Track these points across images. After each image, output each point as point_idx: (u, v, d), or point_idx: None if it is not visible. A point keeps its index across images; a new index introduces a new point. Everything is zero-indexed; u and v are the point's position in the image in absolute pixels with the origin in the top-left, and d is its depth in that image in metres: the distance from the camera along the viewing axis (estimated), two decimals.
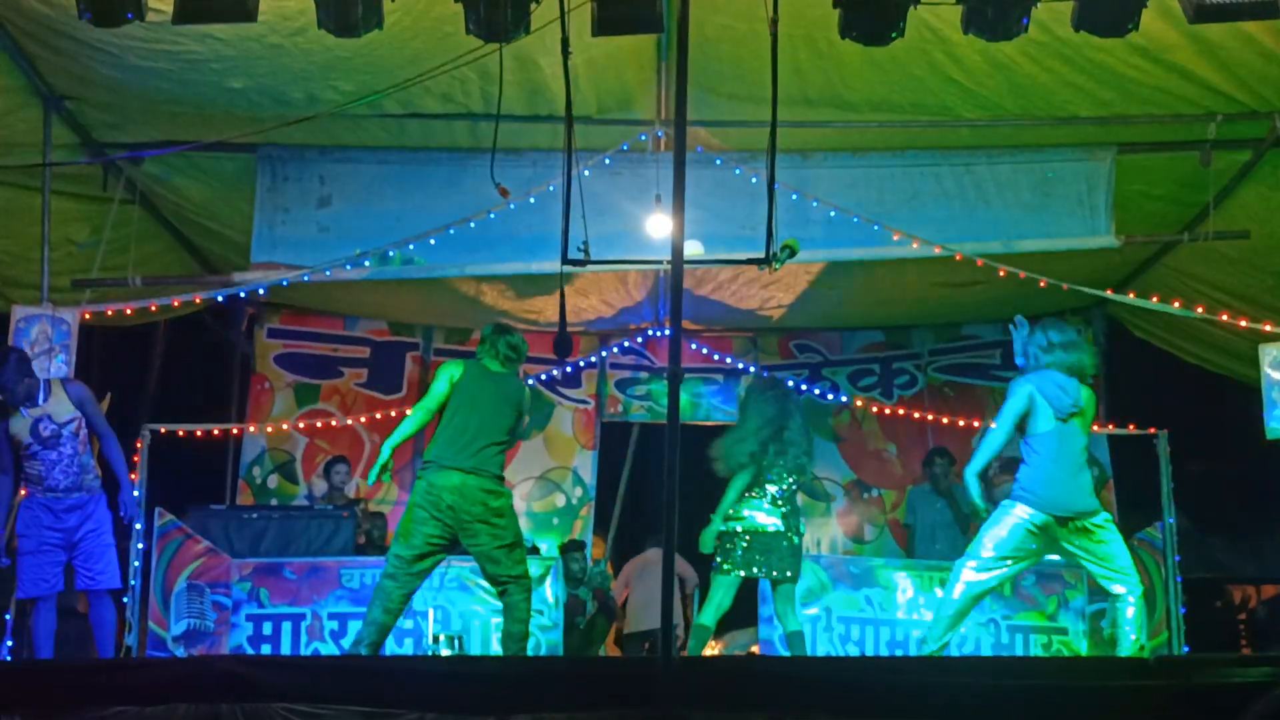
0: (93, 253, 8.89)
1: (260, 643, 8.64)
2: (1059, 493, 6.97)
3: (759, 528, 7.99)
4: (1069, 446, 7.01)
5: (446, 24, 6.88)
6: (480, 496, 7.09)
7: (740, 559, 7.99)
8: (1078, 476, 7.02)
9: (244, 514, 9.49)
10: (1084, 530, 6.99)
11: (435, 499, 7.06)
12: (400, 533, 7.17)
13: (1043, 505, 6.96)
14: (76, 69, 7.67)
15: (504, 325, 7.71)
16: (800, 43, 7.53)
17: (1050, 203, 9.01)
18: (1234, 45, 7.41)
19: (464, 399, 7.26)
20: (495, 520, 7.14)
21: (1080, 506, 6.98)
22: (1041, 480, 7.00)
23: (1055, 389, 7.04)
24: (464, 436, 7.17)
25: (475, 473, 7.10)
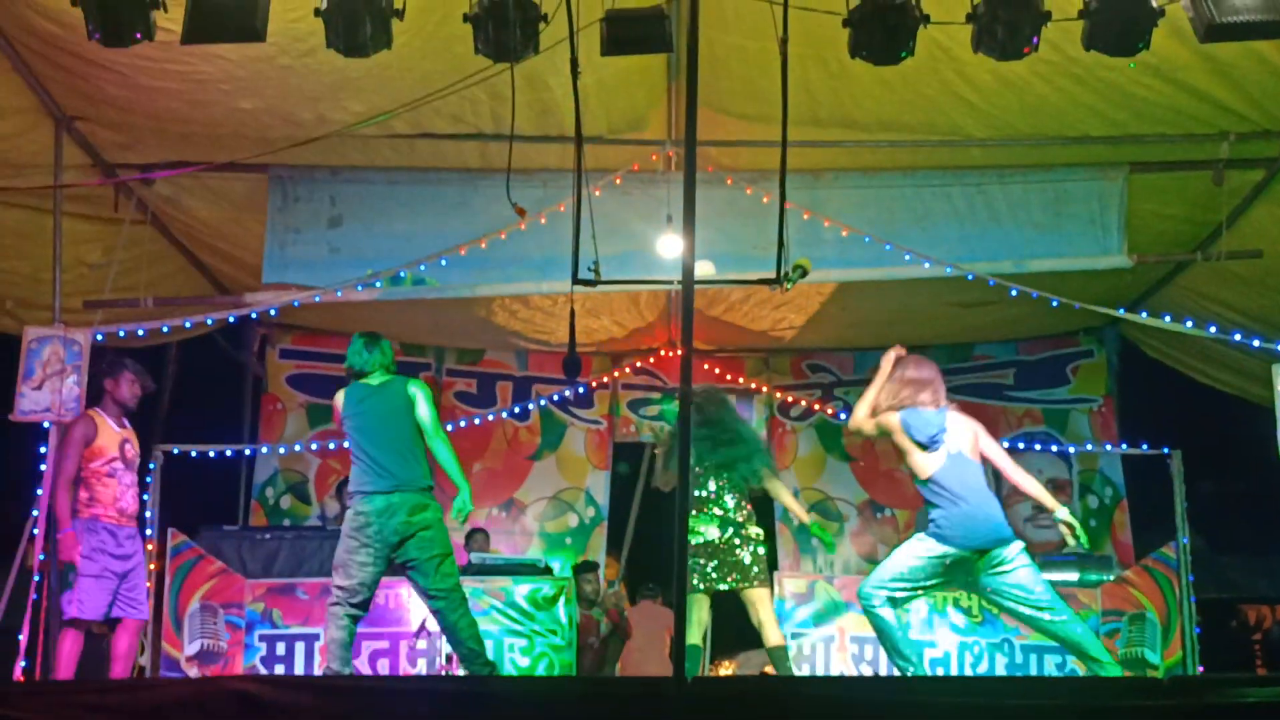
0: (104, 273, 8.91)
1: (273, 663, 8.63)
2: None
3: (704, 540, 7.99)
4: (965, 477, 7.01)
5: (456, 44, 6.89)
6: (403, 514, 7.06)
7: (700, 575, 7.98)
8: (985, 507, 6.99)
9: (257, 534, 9.50)
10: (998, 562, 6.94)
11: (360, 526, 7.06)
12: (337, 563, 7.15)
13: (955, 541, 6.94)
14: (87, 89, 7.70)
15: (370, 334, 7.56)
16: (811, 62, 7.53)
17: (1062, 222, 9.00)
18: (1246, 64, 7.40)
19: (356, 424, 7.23)
20: (421, 533, 7.10)
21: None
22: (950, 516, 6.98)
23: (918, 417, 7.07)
24: (373, 460, 7.13)
25: (398, 490, 7.08)
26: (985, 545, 6.91)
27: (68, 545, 7.49)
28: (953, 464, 7.01)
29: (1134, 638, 8.88)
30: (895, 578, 7.04)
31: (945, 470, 7.01)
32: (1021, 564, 6.93)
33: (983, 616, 8.82)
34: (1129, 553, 11.48)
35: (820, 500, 12.21)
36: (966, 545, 6.92)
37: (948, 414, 7.16)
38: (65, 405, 8.08)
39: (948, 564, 6.97)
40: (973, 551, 6.92)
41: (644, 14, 6.51)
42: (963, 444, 7.07)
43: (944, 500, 6.98)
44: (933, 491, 7.04)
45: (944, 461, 7.03)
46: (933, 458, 7.05)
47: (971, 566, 6.97)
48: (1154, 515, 10.33)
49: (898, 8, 6.28)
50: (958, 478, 6.98)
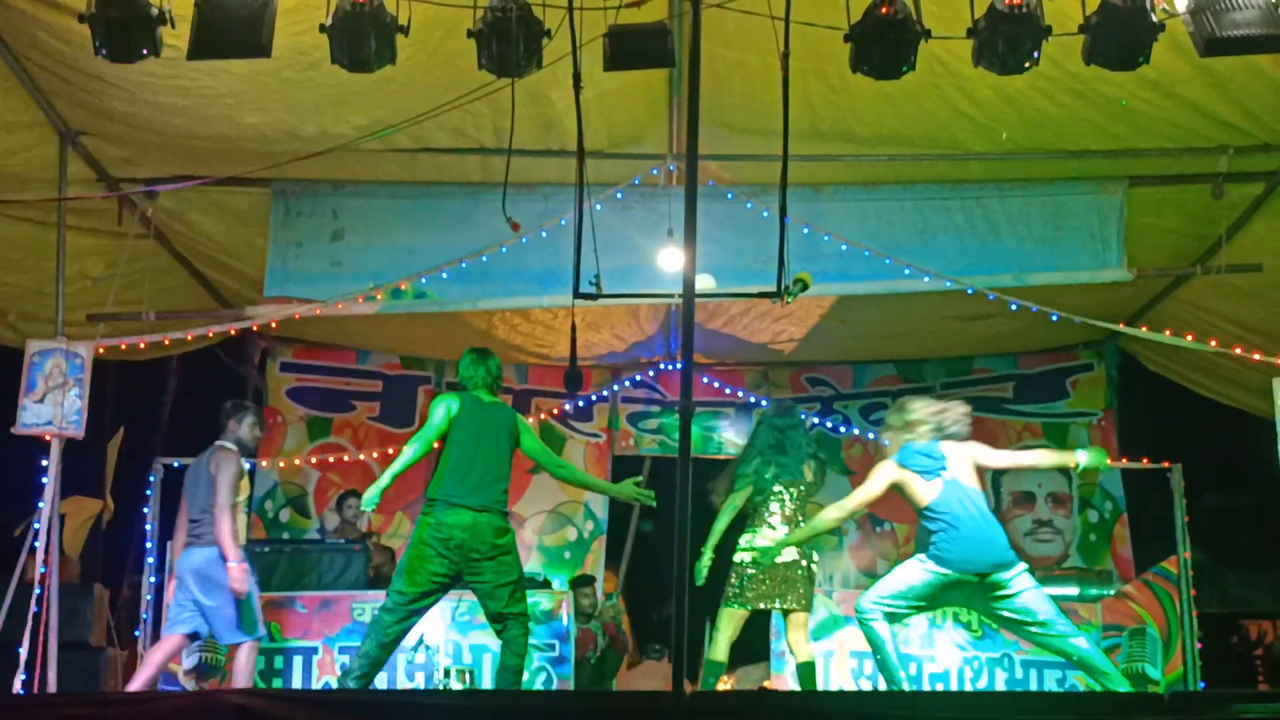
0: (107, 287, 8.92)
1: (271, 677, 8.62)
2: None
3: (776, 560, 7.92)
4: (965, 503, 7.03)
5: (459, 59, 6.91)
6: (489, 535, 7.05)
7: (750, 592, 7.93)
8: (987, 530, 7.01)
9: (256, 547, 9.47)
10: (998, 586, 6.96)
11: (445, 537, 7.01)
12: (404, 569, 7.10)
13: (955, 565, 6.97)
14: (92, 104, 7.72)
15: (482, 350, 7.61)
16: (812, 77, 7.56)
17: (1062, 236, 9.01)
18: (1245, 79, 7.42)
19: (464, 433, 7.21)
20: (502, 557, 7.09)
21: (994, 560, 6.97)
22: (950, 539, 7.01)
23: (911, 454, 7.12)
24: (470, 472, 7.12)
25: (485, 510, 7.06)
26: (985, 569, 6.93)
27: (239, 577, 7.62)
28: (950, 490, 7.04)
29: (1135, 653, 8.88)
30: (894, 595, 7.05)
31: (942, 496, 7.04)
32: (1024, 586, 6.94)
33: (983, 631, 8.82)
34: (1129, 567, 11.48)
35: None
36: (966, 569, 6.94)
37: (940, 444, 7.17)
38: (66, 419, 8.09)
39: (947, 586, 6.98)
40: (974, 574, 6.94)
41: (646, 29, 6.53)
42: (959, 470, 7.09)
43: (942, 525, 7.00)
44: (930, 518, 7.06)
45: (941, 488, 7.05)
46: (930, 486, 7.07)
47: (972, 590, 6.99)
48: (1154, 529, 10.33)
49: (898, 23, 6.30)
50: (956, 502, 7.00)
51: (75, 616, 8.90)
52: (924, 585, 7.00)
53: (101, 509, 10.77)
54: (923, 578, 7.01)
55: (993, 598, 6.97)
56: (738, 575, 7.96)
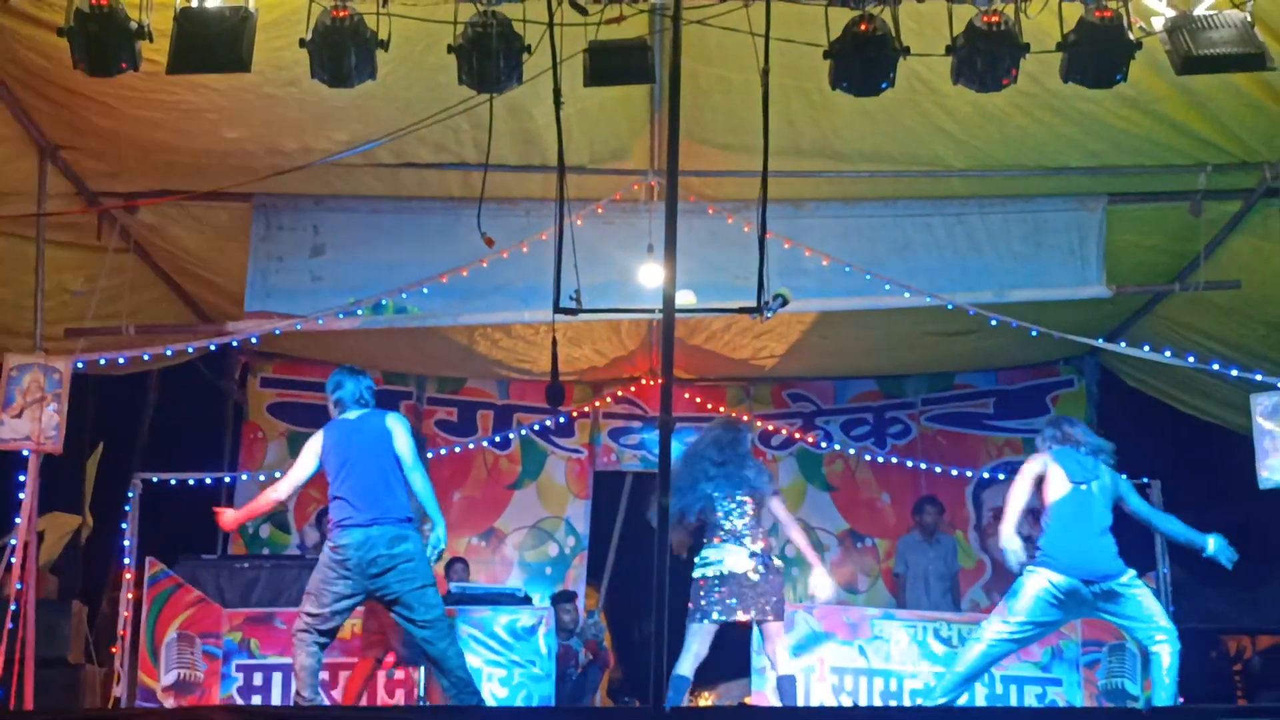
0: (86, 301, 8.89)
1: (251, 693, 8.59)
2: (1079, 556, 7.04)
3: (729, 571, 7.90)
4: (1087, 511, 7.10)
5: (440, 74, 6.91)
6: (383, 546, 6.99)
7: (713, 607, 7.88)
8: (1099, 540, 7.08)
9: (235, 563, 9.46)
10: (1110, 594, 7.04)
11: (341, 559, 6.99)
12: (310, 590, 7.08)
13: (1064, 569, 7.03)
14: (72, 119, 7.70)
15: (348, 368, 7.56)
16: (792, 93, 7.58)
17: (1042, 252, 9.04)
18: (1222, 97, 7.46)
19: (334, 458, 7.19)
20: (403, 565, 7.02)
21: (1103, 570, 7.04)
22: (1061, 545, 7.07)
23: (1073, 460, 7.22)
24: (352, 492, 7.08)
25: (376, 523, 7.00)
26: (1094, 576, 7.03)
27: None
28: (1076, 496, 7.13)
29: (1114, 668, 8.90)
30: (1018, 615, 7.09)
31: (1066, 500, 7.13)
32: (1136, 588, 7.08)
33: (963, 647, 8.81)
34: None
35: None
36: (1074, 573, 7.02)
37: (1101, 465, 7.29)
38: (45, 433, 8.05)
39: (1066, 596, 7.05)
40: (1082, 581, 7.03)
41: (626, 45, 6.54)
42: (1102, 492, 7.19)
43: (1054, 528, 7.12)
44: (1047, 518, 7.18)
45: (1068, 491, 7.13)
46: (1064, 486, 7.14)
47: (1083, 598, 7.07)
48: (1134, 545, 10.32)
49: (878, 40, 6.33)
50: (1079, 508, 7.10)
51: (53, 633, 8.86)
52: (1039, 596, 7.05)
53: (80, 525, 10.70)
54: (1038, 586, 7.06)
55: (1105, 604, 7.08)
56: (704, 590, 7.93)
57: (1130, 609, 7.07)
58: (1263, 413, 8.14)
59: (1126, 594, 7.05)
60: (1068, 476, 7.19)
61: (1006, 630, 7.12)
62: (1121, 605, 7.08)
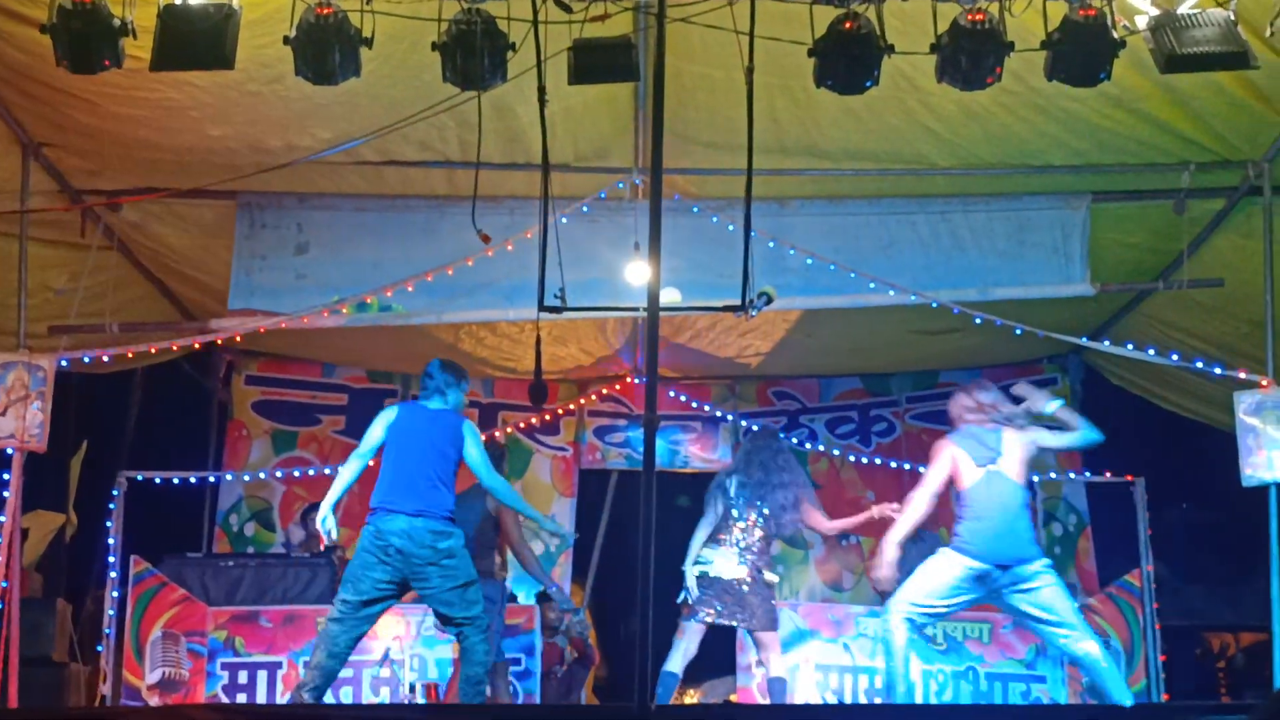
0: (70, 299, 8.86)
1: (235, 691, 8.58)
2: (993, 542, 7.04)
3: (718, 574, 7.97)
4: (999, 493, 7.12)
5: (424, 72, 6.91)
6: (428, 539, 6.98)
7: (699, 603, 7.95)
8: (1013, 523, 7.09)
9: (220, 562, 9.46)
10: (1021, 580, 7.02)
11: (383, 544, 6.97)
12: (348, 577, 7.06)
13: (977, 555, 7.03)
14: (55, 116, 7.67)
15: (445, 361, 7.60)
16: (777, 92, 7.58)
17: (1026, 250, 9.05)
18: (1205, 95, 7.48)
19: (401, 441, 7.20)
20: (445, 561, 7.02)
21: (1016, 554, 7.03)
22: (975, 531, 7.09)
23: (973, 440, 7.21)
24: (405, 478, 7.08)
25: (421, 515, 7.00)
26: (1008, 561, 7.01)
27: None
28: (989, 479, 7.13)
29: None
30: (926, 594, 7.10)
31: (978, 485, 7.13)
32: (1045, 582, 7.04)
33: (947, 644, 8.85)
34: (1093, 580, 11.52)
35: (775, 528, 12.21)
36: (989, 560, 7.01)
37: (1004, 431, 7.24)
38: (29, 431, 8.03)
39: (973, 580, 7.03)
40: (996, 566, 7.01)
41: (610, 43, 6.54)
42: (1008, 464, 7.18)
43: (970, 515, 7.12)
44: (961, 505, 7.19)
45: (980, 477, 7.13)
46: (974, 472, 7.12)
47: (995, 582, 7.04)
48: (1118, 543, 10.38)
49: (862, 38, 6.33)
50: (990, 494, 7.10)
51: (38, 632, 8.84)
52: (952, 580, 7.06)
53: (64, 523, 10.68)
54: (950, 573, 7.07)
55: (1014, 591, 7.05)
56: (697, 589, 7.97)
57: (1042, 602, 7.01)
58: (1246, 410, 8.15)
59: (1038, 585, 7.01)
60: (973, 461, 7.18)
61: (916, 611, 7.08)
62: (1032, 596, 7.02)
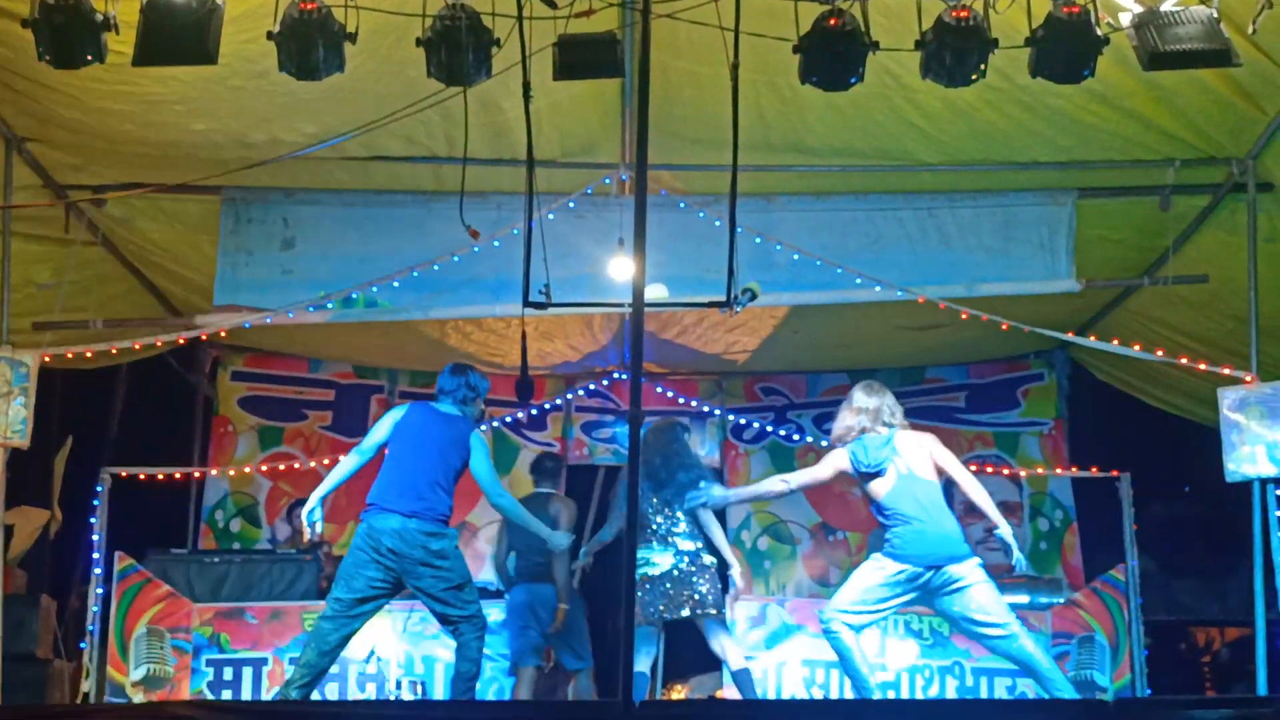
0: (53, 295, 8.84)
1: (221, 688, 8.57)
2: (922, 544, 7.03)
3: (650, 571, 7.96)
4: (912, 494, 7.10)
5: (409, 67, 6.89)
6: (420, 540, 6.99)
7: (647, 606, 7.93)
8: (938, 522, 7.07)
9: (205, 558, 9.44)
10: (950, 581, 7.00)
11: (375, 543, 6.97)
12: (341, 575, 7.05)
13: (906, 559, 7.02)
14: (37, 110, 7.64)
15: (462, 365, 7.67)
16: (763, 88, 7.58)
17: (1012, 247, 9.05)
18: (1190, 92, 7.49)
19: (405, 440, 7.20)
20: (438, 562, 7.03)
21: (946, 554, 7.01)
22: (903, 537, 7.07)
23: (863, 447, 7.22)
24: (405, 478, 7.09)
25: (415, 516, 7.01)
26: (939, 562, 6.97)
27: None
28: (903, 484, 7.08)
29: (1083, 660, 8.95)
30: (854, 600, 7.06)
31: (895, 491, 7.08)
32: (976, 580, 6.99)
33: (933, 639, 8.86)
34: (1079, 575, 11.54)
35: (773, 523, 12.23)
36: (921, 562, 6.97)
37: (898, 435, 7.22)
38: (12, 428, 8.01)
39: (904, 582, 7.00)
40: (928, 569, 6.97)
41: (595, 39, 6.53)
42: (914, 463, 7.14)
43: (897, 521, 7.04)
44: (884, 513, 7.10)
45: (894, 483, 7.09)
46: (883, 481, 7.11)
47: (927, 584, 7.01)
48: (1104, 538, 10.40)
49: (847, 34, 6.32)
50: (909, 497, 7.05)
51: (21, 628, 8.83)
52: (884, 585, 7.02)
53: (49, 520, 10.66)
54: (879, 577, 7.04)
55: (946, 592, 7.00)
56: (645, 591, 7.97)
57: (974, 603, 6.98)
58: (1230, 406, 8.17)
59: (969, 584, 6.98)
60: (865, 469, 7.18)
61: (849, 618, 7.05)
62: (964, 596, 6.98)
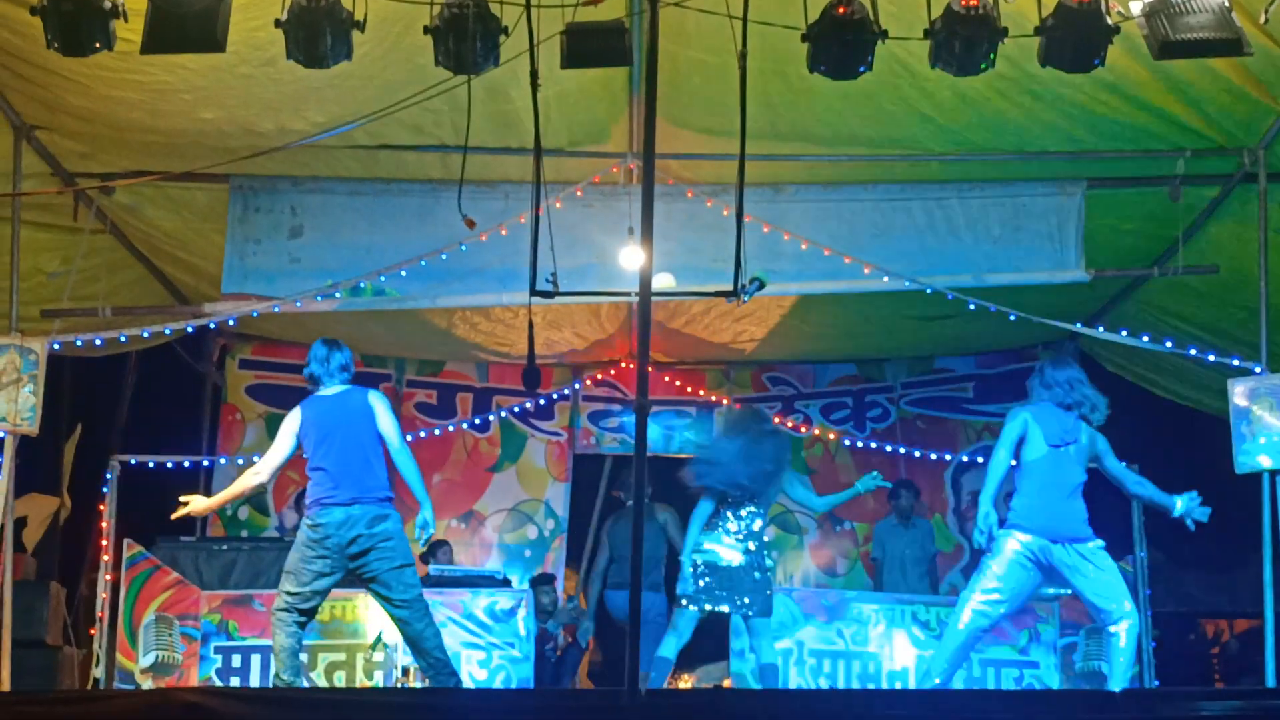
0: (62, 283, 8.85)
1: (229, 675, 8.58)
2: (1050, 517, 7.00)
3: (718, 561, 7.95)
4: (1061, 474, 7.06)
5: (416, 55, 6.89)
6: (364, 526, 6.96)
7: (699, 592, 7.93)
8: (1069, 502, 7.05)
9: (214, 545, 9.45)
10: (1077, 558, 6.99)
11: (320, 537, 6.96)
12: (288, 569, 7.04)
13: (1035, 530, 7.00)
14: (46, 98, 7.65)
15: (325, 340, 7.43)
16: (771, 76, 7.56)
17: (1021, 237, 9.04)
18: (1201, 82, 7.46)
19: (314, 435, 7.14)
20: (382, 544, 6.99)
21: (1072, 532, 7.01)
22: (1033, 506, 7.05)
23: (1051, 419, 7.14)
24: (331, 470, 7.05)
25: (356, 502, 6.97)
26: (1061, 538, 6.98)
27: None
28: (1052, 458, 7.09)
29: (1090, 651, 8.94)
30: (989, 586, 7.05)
31: (1040, 461, 7.09)
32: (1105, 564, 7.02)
33: (940, 630, 8.85)
34: None
35: (780, 512, 12.22)
36: (1043, 534, 6.99)
37: (1080, 422, 7.21)
38: (21, 415, 8.01)
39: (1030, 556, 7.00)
40: (1050, 540, 6.98)
41: (603, 27, 6.52)
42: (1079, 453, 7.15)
43: (1028, 487, 7.08)
44: (1022, 475, 7.14)
45: (1043, 453, 7.08)
46: (1039, 448, 7.11)
47: (1052, 556, 7.00)
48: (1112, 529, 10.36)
49: (856, 23, 6.30)
50: (1047, 472, 7.06)
51: (31, 615, 8.85)
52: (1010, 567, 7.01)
53: (58, 507, 10.69)
54: (1009, 560, 7.02)
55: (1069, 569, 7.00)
56: (688, 575, 7.96)
57: (1095, 581, 6.99)
58: (1240, 397, 8.16)
59: (1094, 563, 6.99)
60: (1045, 439, 7.13)
61: (985, 599, 7.04)
62: (1086, 574, 6.99)
